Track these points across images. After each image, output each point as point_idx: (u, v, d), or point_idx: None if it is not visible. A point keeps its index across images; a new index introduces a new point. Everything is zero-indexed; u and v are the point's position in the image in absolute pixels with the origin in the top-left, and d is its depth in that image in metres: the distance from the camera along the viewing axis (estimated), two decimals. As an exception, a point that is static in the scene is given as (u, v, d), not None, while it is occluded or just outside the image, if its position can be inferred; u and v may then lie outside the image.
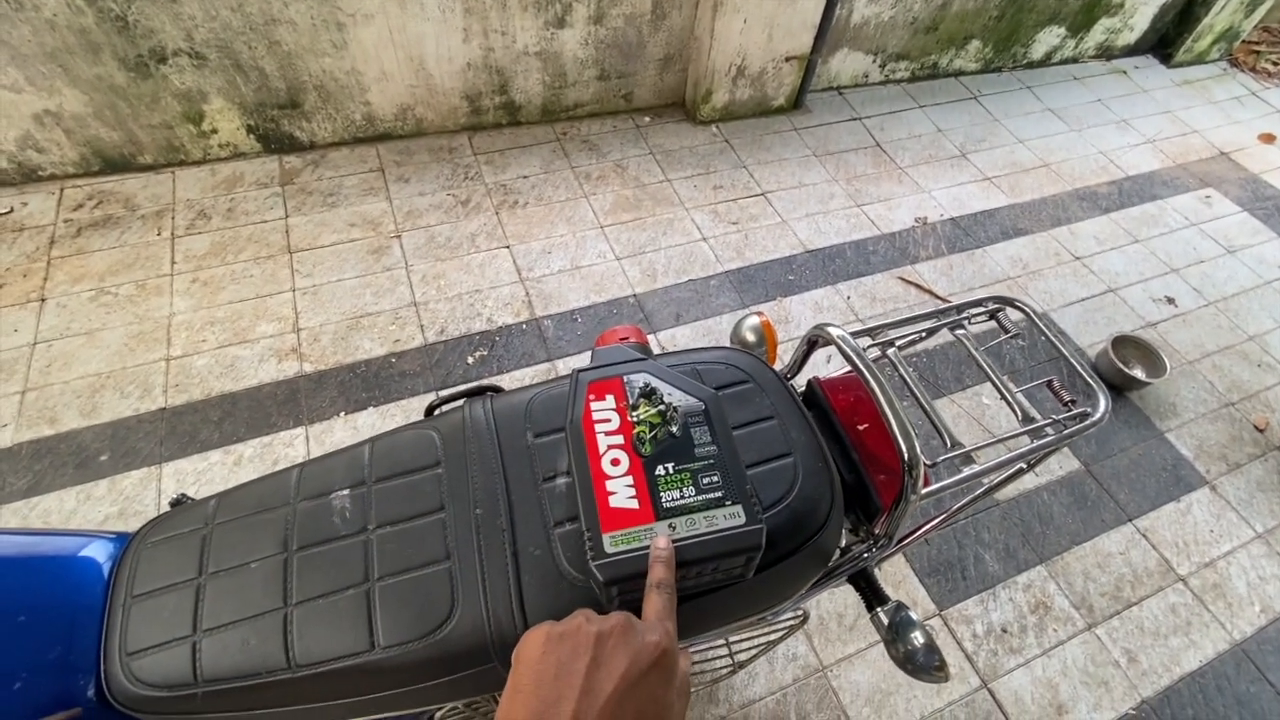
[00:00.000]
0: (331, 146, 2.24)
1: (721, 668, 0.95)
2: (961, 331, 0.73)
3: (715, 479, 0.54)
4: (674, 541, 0.50)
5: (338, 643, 0.52)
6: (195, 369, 1.66)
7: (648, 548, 0.50)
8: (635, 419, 0.57)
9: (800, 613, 0.85)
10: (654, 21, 2.30)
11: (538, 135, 2.41)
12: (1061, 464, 1.75)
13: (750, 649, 0.91)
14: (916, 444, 0.58)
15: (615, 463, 0.54)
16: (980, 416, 1.78)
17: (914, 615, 0.66)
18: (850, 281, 2.09)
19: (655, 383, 0.60)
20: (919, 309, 2.04)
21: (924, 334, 0.75)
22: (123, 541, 0.61)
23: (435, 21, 2.03)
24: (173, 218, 1.97)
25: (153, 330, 1.72)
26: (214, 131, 2.06)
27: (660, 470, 0.54)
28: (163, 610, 0.54)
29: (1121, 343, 1.94)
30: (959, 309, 0.74)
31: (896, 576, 1.51)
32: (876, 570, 0.74)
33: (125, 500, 1.44)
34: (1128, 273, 2.27)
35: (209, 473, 1.49)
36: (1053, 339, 0.70)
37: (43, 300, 1.74)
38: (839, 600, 1.45)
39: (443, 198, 2.15)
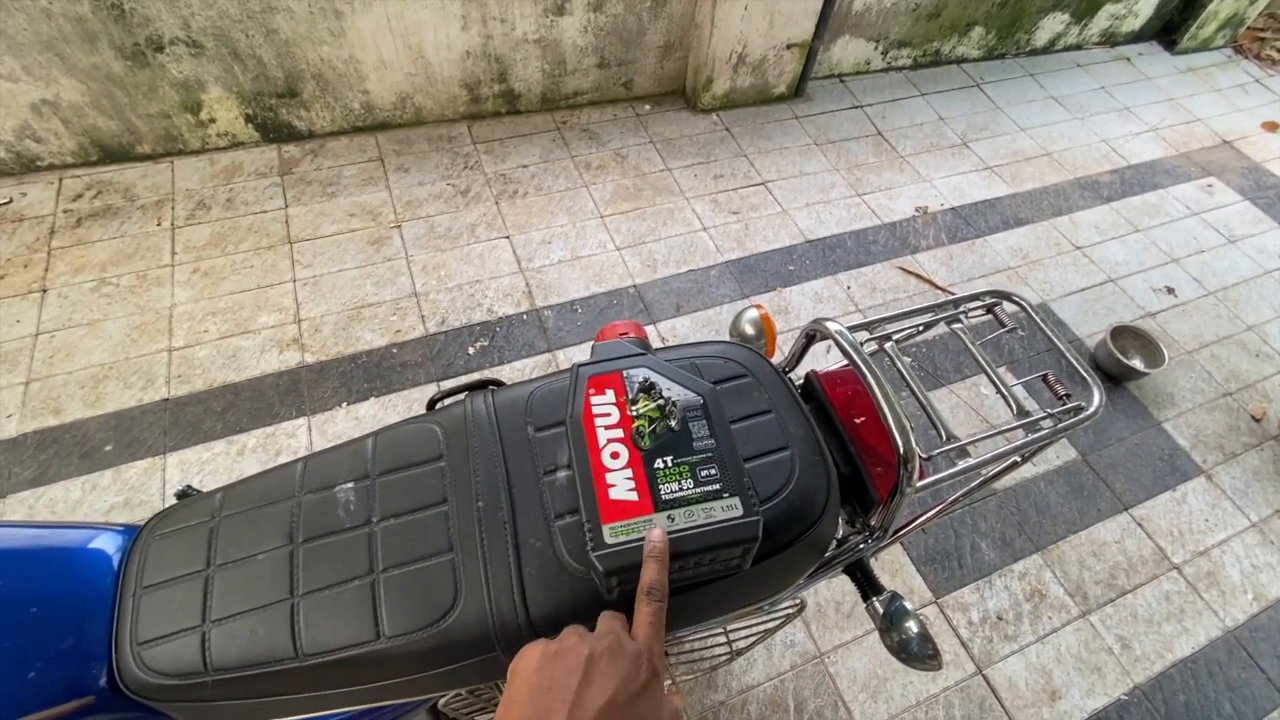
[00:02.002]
0: (330, 136, 2.24)
1: (720, 655, 0.96)
2: (958, 325, 0.74)
3: (713, 471, 0.55)
4: (672, 533, 0.51)
5: (344, 633, 0.53)
6: (198, 359, 1.67)
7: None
8: (635, 413, 0.58)
9: (797, 601, 0.86)
10: (654, 8, 2.28)
11: (537, 124, 2.40)
12: (1059, 454, 1.76)
13: (748, 637, 0.92)
14: (912, 438, 0.59)
15: (615, 456, 0.55)
16: (979, 407, 1.79)
17: (908, 605, 0.67)
18: (850, 272, 2.09)
19: (654, 377, 0.61)
20: (919, 299, 2.04)
21: (921, 328, 0.76)
22: (131, 534, 0.62)
23: (434, 9, 2.02)
24: (172, 208, 1.97)
25: (154, 321, 1.72)
26: (212, 121, 2.06)
27: (659, 463, 0.55)
28: (172, 601, 0.55)
29: (1120, 333, 1.95)
30: (955, 303, 0.74)
31: (894, 565, 1.53)
32: (873, 560, 0.75)
33: (130, 490, 1.45)
34: (1128, 262, 2.27)
35: (213, 463, 1.50)
36: (1049, 332, 0.71)
37: (44, 291, 1.74)
38: (836, 588, 1.47)
39: (442, 187, 2.15)
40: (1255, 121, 2.94)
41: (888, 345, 0.74)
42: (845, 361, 0.68)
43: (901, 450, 0.59)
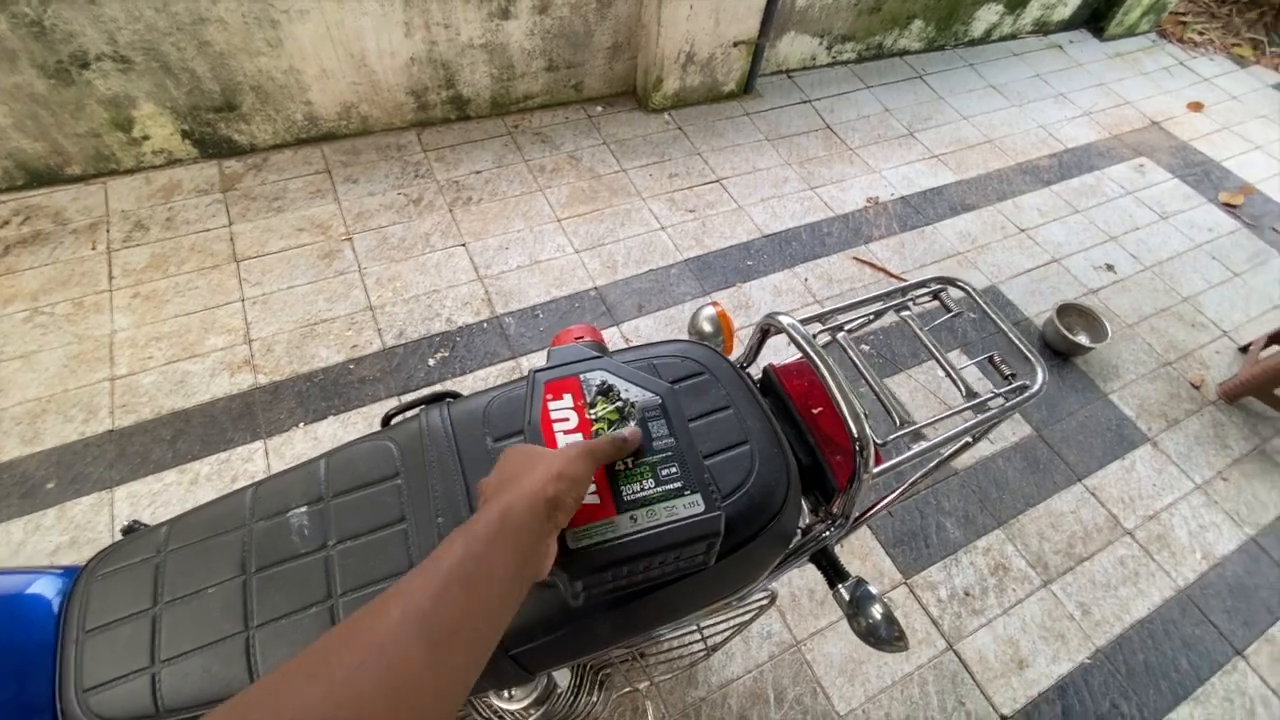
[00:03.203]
0: (273, 149, 2.17)
1: (696, 652, 0.97)
2: (907, 313, 0.76)
3: (674, 470, 0.55)
4: (634, 533, 0.51)
5: (303, 662, 0.51)
6: (143, 387, 1.60)
7: (610, 540, 0.51)
8: (593, 416, 0.58)
9: (768, 593, 0.87)
10: (599, 10, 2.28)
11: (488, 129, 2.38)
12: (1014, 430, 1.82)
13: (722, 632, 0.93)
14: (866, 425, 0.60)
15: None
16: (936, 389, 1.84)
17: (873, 590, 0.69)
18: (807, 264, 2.13)
19: (612, 380, 0.61)
20: (874, 288, 2.08)
21: (872, 317, 0.78)
22: (72, 575, 0.59)
23: (374, 16, 1.98)
24: (108, 230, 1.89)
25: (94, 350, 1.65)
26: (146, 138, 1.98)
27: (620, 465, 0.54)
28: (118, 643, 0.53)
29: (1066, 310, 2.02)
30: (903, 291, 0.76)
31: (863, 549, 1.56)
32: (839, 548, 0.76)
33: (77, 529, 1.38)
34: (1069, 242, 2.36)
35: (164, 494, 1.44)
36: (992, 315, 0.73)
37: (-29, 324, 1.65)
38: (809, 577, 1.49)
39: (393, 197, 2.11)
40: (1181, 102, 3.08)
41: (840, 335, 0.75)
42: (800, 354, 0.69)
43: (856, 438, 0.60)
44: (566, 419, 0.57)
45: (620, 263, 2.04)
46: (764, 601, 0.88)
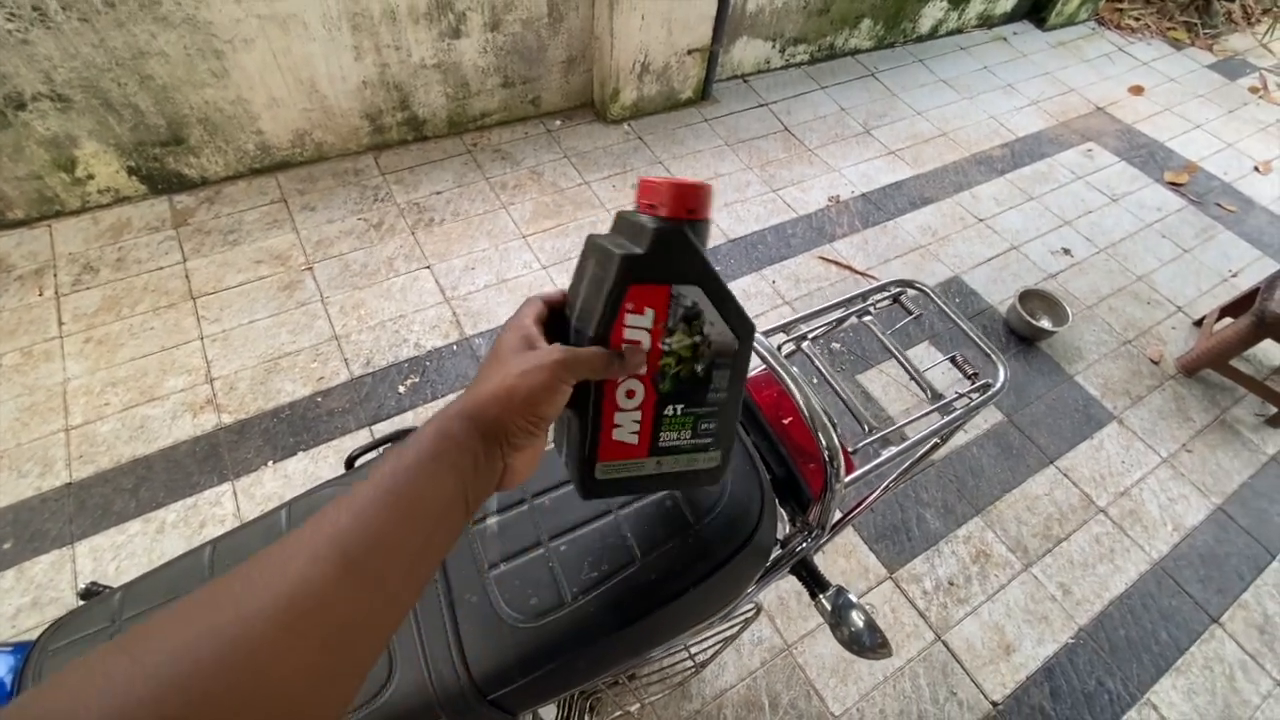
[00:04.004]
0: (226, 181, 2.12)
1: (686, 669, 0.96)
2: (869, 318, 0.76)
3: (712, 425, 0.51)
4: (654, 474, 0.51)
5: (271, 726, 0.49)
6: (100, 436, 1.54)
7: (630, 476, 0.50)
8: (666, 347, 0.47)
9: (753, 607, 0.87)
10: (551, 24, 2.27)
11: (447, 149, 2.35)
12: (986, 418, 1.84)
13: (710, 648, 0.92)
14: (835, 436, 0.60)
15: (630, 394, 0.48)
16: (908, 384, 1.86)
17: (853, 598, 0.69)
18: (774, 266, 2.14)
19: (704, 305, 0.48)
20: (841, 286, 2.11)
21: (834, 324, 0.78)
22: (23, 652, 0.56)
23: (322, 41, 1.95)
24: (55, 275, 1.82)
25: (46, 400, 1.59)
26: (90, 177, 1.92)
27: (669, 410, 0.49)
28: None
29: (1028, 296, 2.06)
30: (863, 296, 0.76)
31: (847, 546, 1.57)
32: (819, 554, 0.76)
33: (38, 589, 1.33)
34: (1026, 229, 2.41)
35: (128, 545, 1.39)
36: (950, 313, 0.74)
37: (-88, 382, 1.58)
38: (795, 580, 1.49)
39: (353, 223, 2.07)
40: (1122, 87, 3.19)
41: (805, 345, 0.76)
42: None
43: (826, 448, 0.60)
44: (639, 340, 0.46)
45: (588, 276, 2.02)
46: (750, 614, 0.88)
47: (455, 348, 1.81)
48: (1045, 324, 2.01)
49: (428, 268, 1.99)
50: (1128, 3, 3.76)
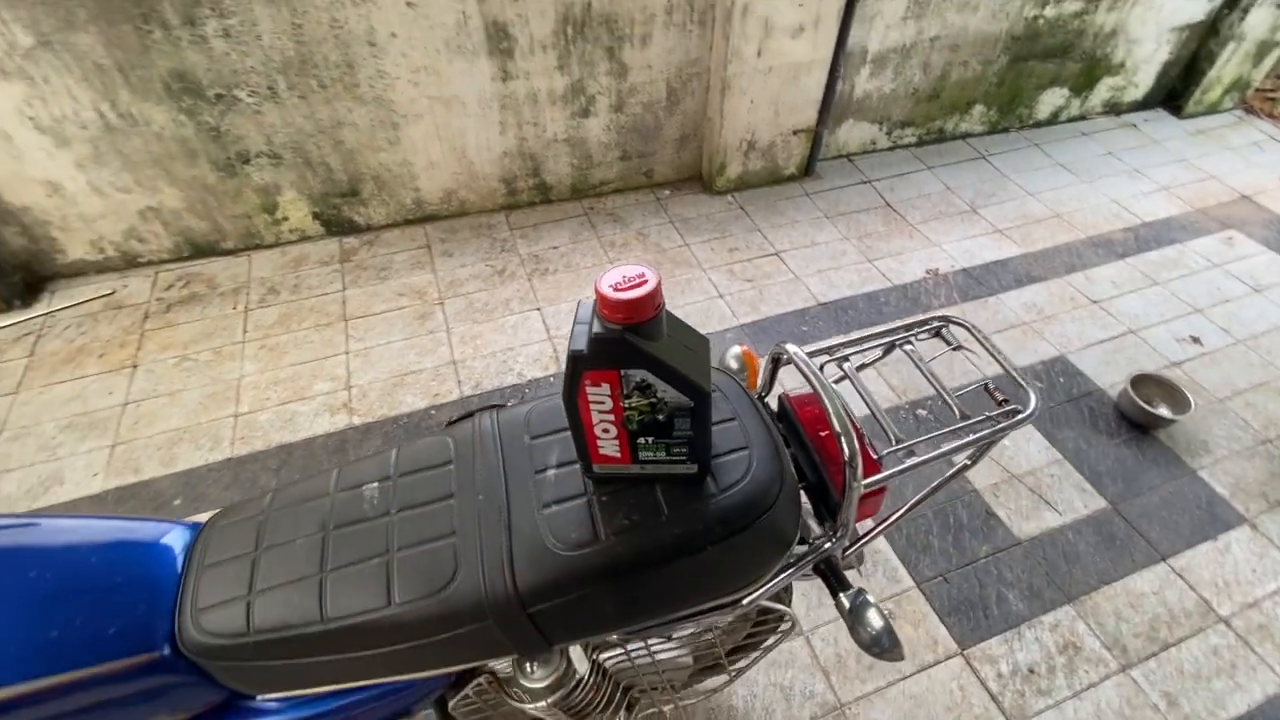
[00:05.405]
0: (385, 228, 2.52)
1: (720, 680, 0.99)
2: (910, 348, 0.82)
3: (684, 450, 0.65)
4: (638, 472, 0.67)
5: (361, 600, 0.63)
6: (259, 423, 1.85)
7: (620, 473, 0.67)
8: (627, 406, 0.61)
9: (788, 619, 0.91)
10: (669, 106, 2.55)
11: (567, 210, 2.65)
12: (1085, 502, 1.73)
13: (740, 651, 0.96)
14: (855, 439, 0.67)
15: (606, 430, 0.63)
16: (941, 412, 1.79)
17: (871, 599, 0.72)
18: (861, 330, 2.18)
19: (651, 379, 0.59)
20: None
21: (880, 350, 0.85)
22: (197, 528, 0.74)
23: (475, 117, 2.32)
24: (248, 294, 2.24)
25: (224, 390, 1.94)
26: (285, 219, 2.37)
27: (642, 440, 0.65)
28: (226, 576, 0.66)
29: (1142, 381, 1.94)
30: (906, 327, 0.83)
31: (915, 615, 1.51)
32: (886, 608, 0.80)
33: (193, 540, 1.59)
34: (1148, 314, 2.28)
35: (266, 515, 1.64)
36: (989, 349, 0.79)
37: (134, 367, 1.99)
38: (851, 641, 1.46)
39: (481, 268, 2.38)
40: (1274, 176, 2.97)
41: (846, 366, 0.83)
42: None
43: (845, 451, 0.67)
44: (602, 402, 0.61)
45: (679, 327, 2.17)
46: (785, 626, 0.91)
47: (551, 379, 1.99)
48: (1164, 411, 1.88)
49: (538, 309, 2.22)
50: (1285, 92, 3.53)
